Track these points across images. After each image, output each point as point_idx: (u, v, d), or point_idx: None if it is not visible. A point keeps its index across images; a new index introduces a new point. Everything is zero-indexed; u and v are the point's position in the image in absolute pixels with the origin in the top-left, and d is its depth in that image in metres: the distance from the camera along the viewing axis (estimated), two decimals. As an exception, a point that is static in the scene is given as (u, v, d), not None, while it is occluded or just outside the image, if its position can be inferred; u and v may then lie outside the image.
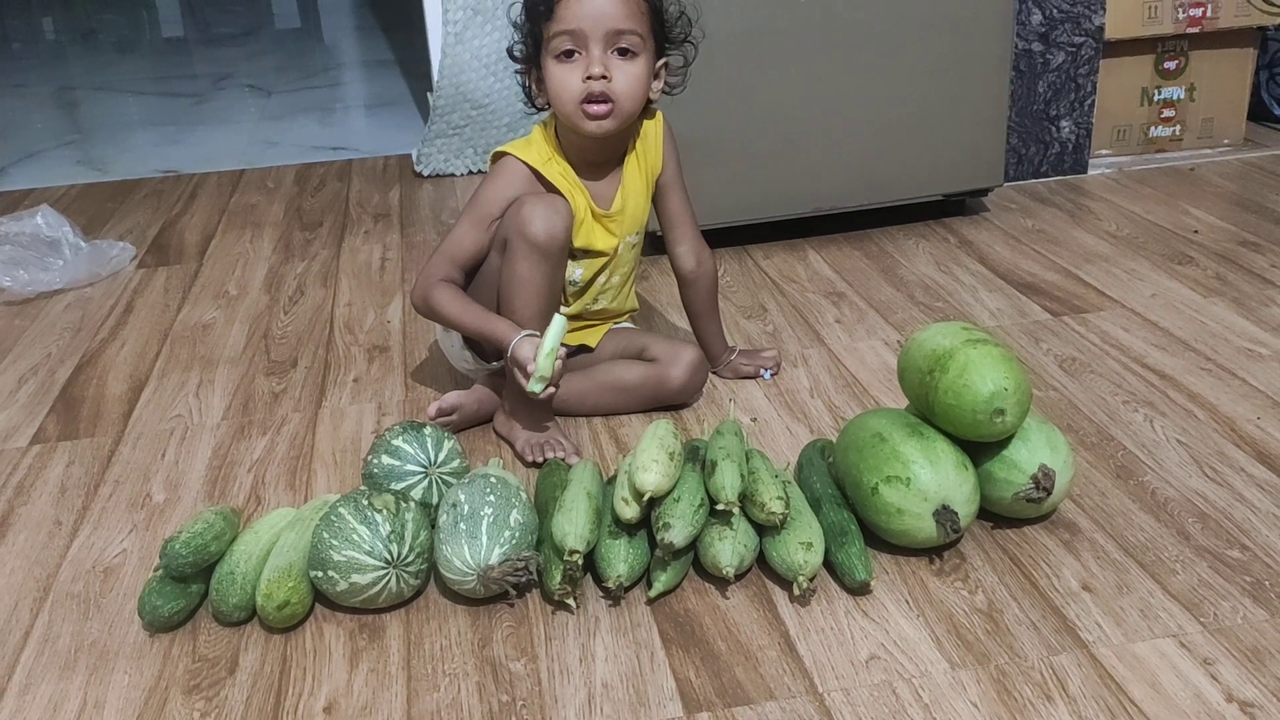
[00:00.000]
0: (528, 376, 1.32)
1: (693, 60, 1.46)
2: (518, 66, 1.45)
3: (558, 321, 1.31)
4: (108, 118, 3.55)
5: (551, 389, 1.33)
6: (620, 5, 1.35)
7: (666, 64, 1.44)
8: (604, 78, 1.36)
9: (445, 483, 1.26)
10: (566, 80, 1.37)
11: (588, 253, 1.48)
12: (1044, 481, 1.17)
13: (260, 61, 4.37)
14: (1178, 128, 2.50)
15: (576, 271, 1.48)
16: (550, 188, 1.43)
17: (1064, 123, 2.40)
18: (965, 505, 1.16)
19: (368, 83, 4.04)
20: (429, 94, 2.75)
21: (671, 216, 1.55)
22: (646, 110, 1.47)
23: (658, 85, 1.44)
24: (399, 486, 1.24)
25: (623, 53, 1.37)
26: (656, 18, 1.40)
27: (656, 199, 1.54)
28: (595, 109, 1.37)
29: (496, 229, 1.42)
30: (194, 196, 2.66)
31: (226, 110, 3.58)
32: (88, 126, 3.45)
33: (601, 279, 1.52)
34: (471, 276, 1.46)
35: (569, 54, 1.37)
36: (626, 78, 1.37)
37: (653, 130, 1.50)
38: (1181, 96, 2.47)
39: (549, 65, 1.38)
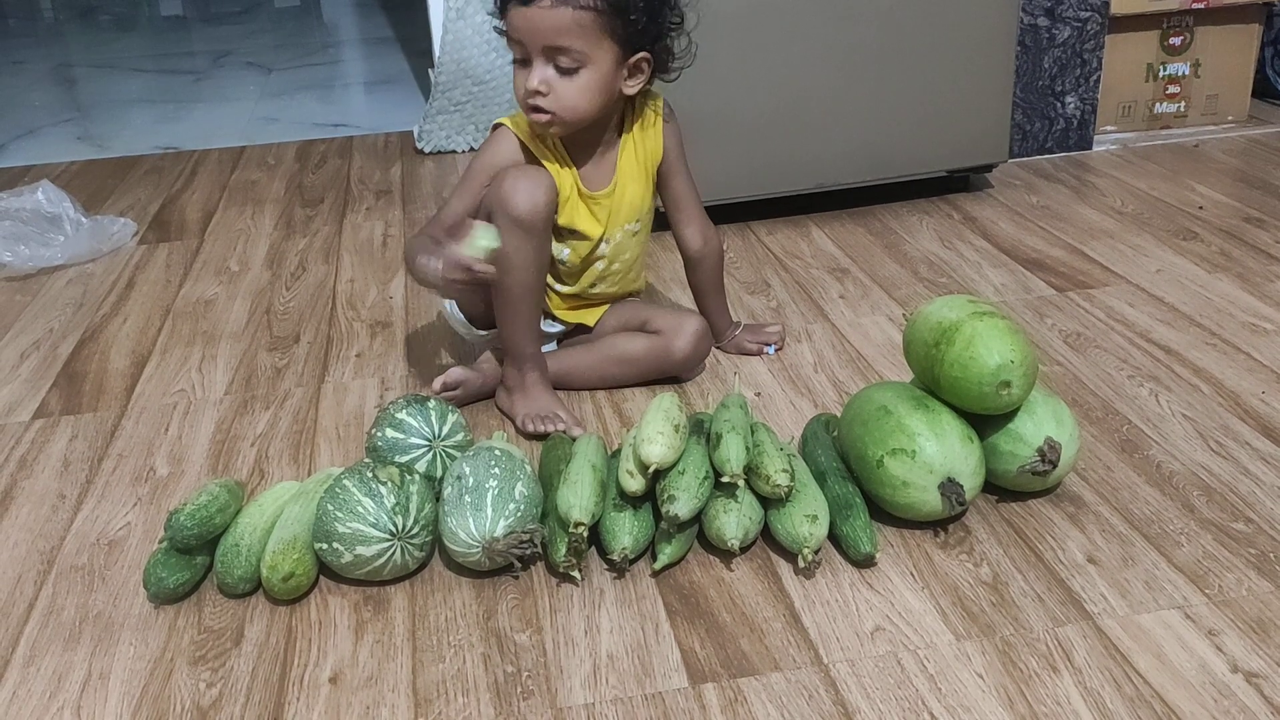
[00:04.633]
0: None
1: (685, 51, 1.40)
2: None
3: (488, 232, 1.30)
4: (107, 95, 3.53)
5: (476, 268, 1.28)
6: (553, 20, 1.29)
7: (647, 59, 1.37)
8: (540, 93, 1.33)
9: (449, 456, 1.26)
10: (517, 82, 1.36)
11: (573, 233, 1.45)
12: (1049, 455, 1.17)
13: (260, 39, 4.35)
14: (1182, 104, 2.49)
15: (564, 252, 1.47)
16: (539, 162, 1.42)
17: (1069, 98, 2.39)
18: (971, 478, 1.16)
19: (368, 60, 4.02)
20: (430, 70, 2.74)
21: (676, 199, 1.53)
22: (646, 95, 1.45)
23: (634, 82, 1.38)
24: (403, 459, 1.23)
25: (561, 68, 1.33)
26: (616, 19, 1.31)
27: (660, 183, 1.51)
28: (537, 117, 1.36)
29: (482, 200, 1.41)
30: (194, 173, 2.65)
31: (226, 88, 3.56)
32: (87, 104, 3.43)
33: (600, 265, 1.50)
34: None
35: (518, 59, 1.35)
36: (564, 94, 1.34)
37: (652, 116, 1.46)
38: (1186, 73, 2.46)
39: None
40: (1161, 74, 2.45)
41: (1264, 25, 2.47)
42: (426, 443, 1.25)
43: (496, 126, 1.45)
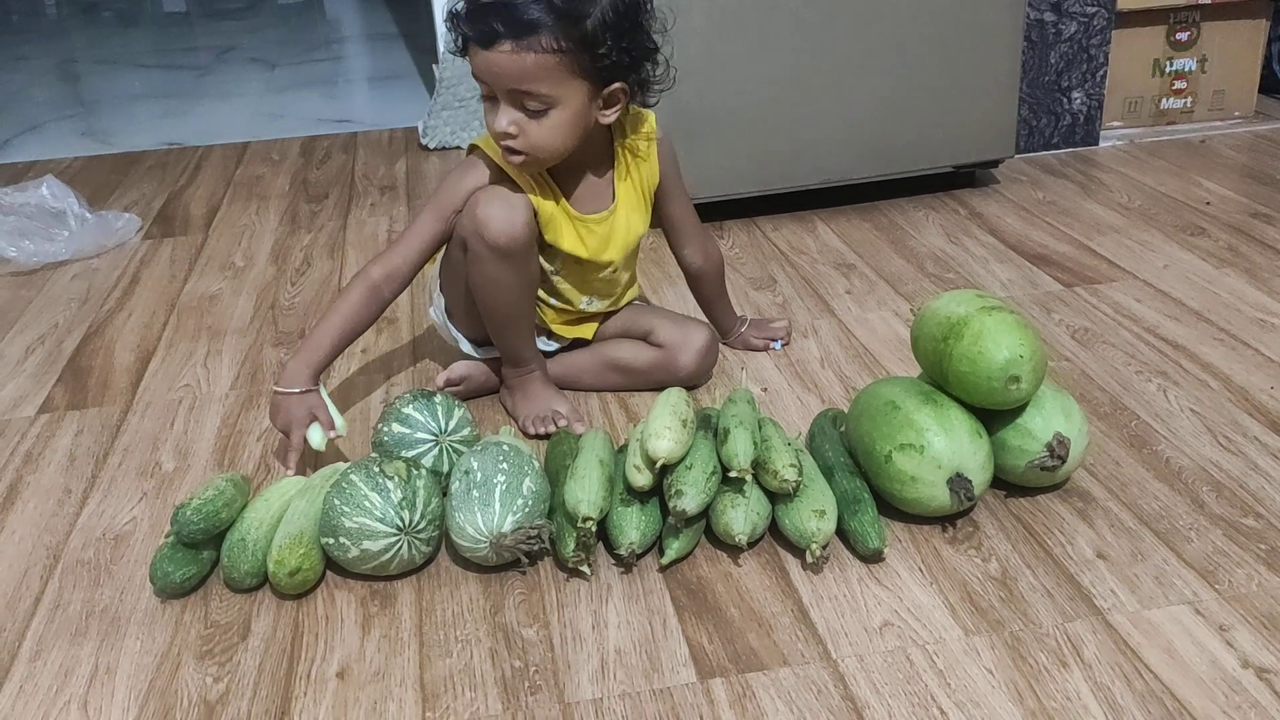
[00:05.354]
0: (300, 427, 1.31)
1: (663, 74, 1.33)
2: None
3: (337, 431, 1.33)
4: (110, 91, 3.53)
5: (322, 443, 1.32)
6: (515, 66, 1.22)
7: (623, 89, 1.29)
8: (510, 134, 1.27)
9: (456, 451, 1.26)
10: (489, 120, 1.30)
11: (560, 251, 1.40)
12: (1058, 450, 1.17)
13: (263, 35, 4.35)
14: (1189, 99, 2.48)
15: (554, 264, 1.43)
16: (515, 187, 1.35)
17: (1075, 94, 2.38)
18: (979, 473, 1.15)
19: (372, 56, 4.02)
20: (434, 66, 2.73)
21: (674, 221, 1.50)
22: (637, 119, 1.40)
23: (611, 112, 1.31)
24: (410, 454, 1.23)
25: (530, 110, 1.26)
26: (583, 56, 1.24)
27: (657, 207, 1.47)
28: (511, 158, 1.31)
29: (456, 224, 1.37)
30: (199, 169, 2.65)
31: (230, 83, 3.56)
32: (90, 99, 3.43)
33: (583, 304, 1.48)
34: (423, 262, 1.40)
35: (487, 97, 1.29)
36: (535, 135, 1.27)
37: (644, 141, 1.41)
38: (1193, 68, 2.45)
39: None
40: (1168, 69, 2.45)
41: (1271, 21, 2.46)
42: (433, 437, 1.25)
43: (472, 148, 1.38)
